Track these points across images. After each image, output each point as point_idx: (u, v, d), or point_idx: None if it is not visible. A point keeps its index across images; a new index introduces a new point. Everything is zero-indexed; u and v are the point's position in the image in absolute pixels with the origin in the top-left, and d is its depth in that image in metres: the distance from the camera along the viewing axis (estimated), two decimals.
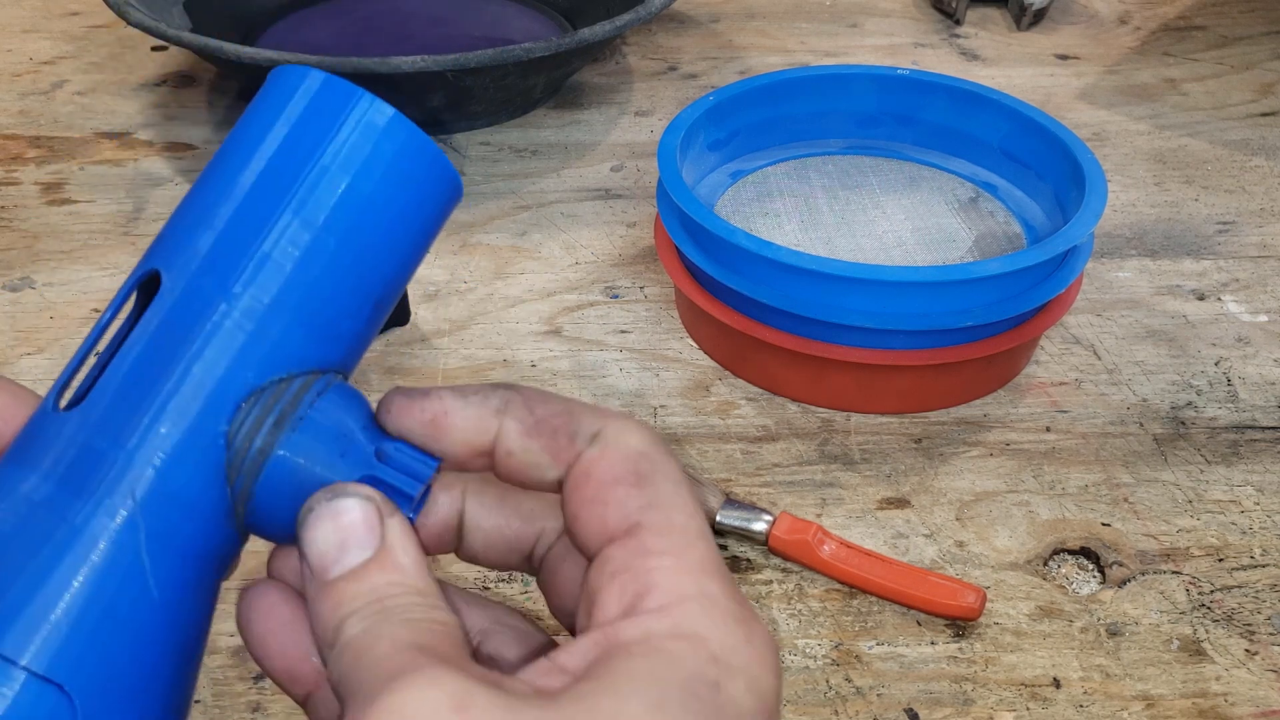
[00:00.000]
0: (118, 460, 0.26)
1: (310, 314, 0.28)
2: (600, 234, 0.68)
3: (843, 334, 0.54)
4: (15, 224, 0.69)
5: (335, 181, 0.28)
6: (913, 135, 0.67)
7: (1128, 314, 0.63)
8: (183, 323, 0.27)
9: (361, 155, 0.28)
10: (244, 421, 0.27)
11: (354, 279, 0.28)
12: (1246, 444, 0.55)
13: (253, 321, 0.27)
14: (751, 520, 0.49)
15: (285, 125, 0.28)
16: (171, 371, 0.27)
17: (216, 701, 0.44)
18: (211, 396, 0.27)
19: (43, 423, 0.27)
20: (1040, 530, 0.51)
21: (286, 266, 0.27)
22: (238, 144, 0.29)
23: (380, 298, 0.29)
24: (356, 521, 0.26)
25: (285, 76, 0.29)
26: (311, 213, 0.28)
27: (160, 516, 0.26)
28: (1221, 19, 0.95)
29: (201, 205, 0.28)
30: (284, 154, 0.28)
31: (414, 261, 0.30)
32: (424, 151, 0.29)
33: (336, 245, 0.28)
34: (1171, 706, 0.44)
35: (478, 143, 0.77)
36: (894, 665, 0.45)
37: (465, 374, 0.58)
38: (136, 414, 0.26)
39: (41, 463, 0.26)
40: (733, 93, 0.64)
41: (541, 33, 0.86)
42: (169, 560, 0.26)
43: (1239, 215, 0.71)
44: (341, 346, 0.29)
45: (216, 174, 0.29)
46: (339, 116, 0.28)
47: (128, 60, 0.86)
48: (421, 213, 0.29)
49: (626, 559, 0.25)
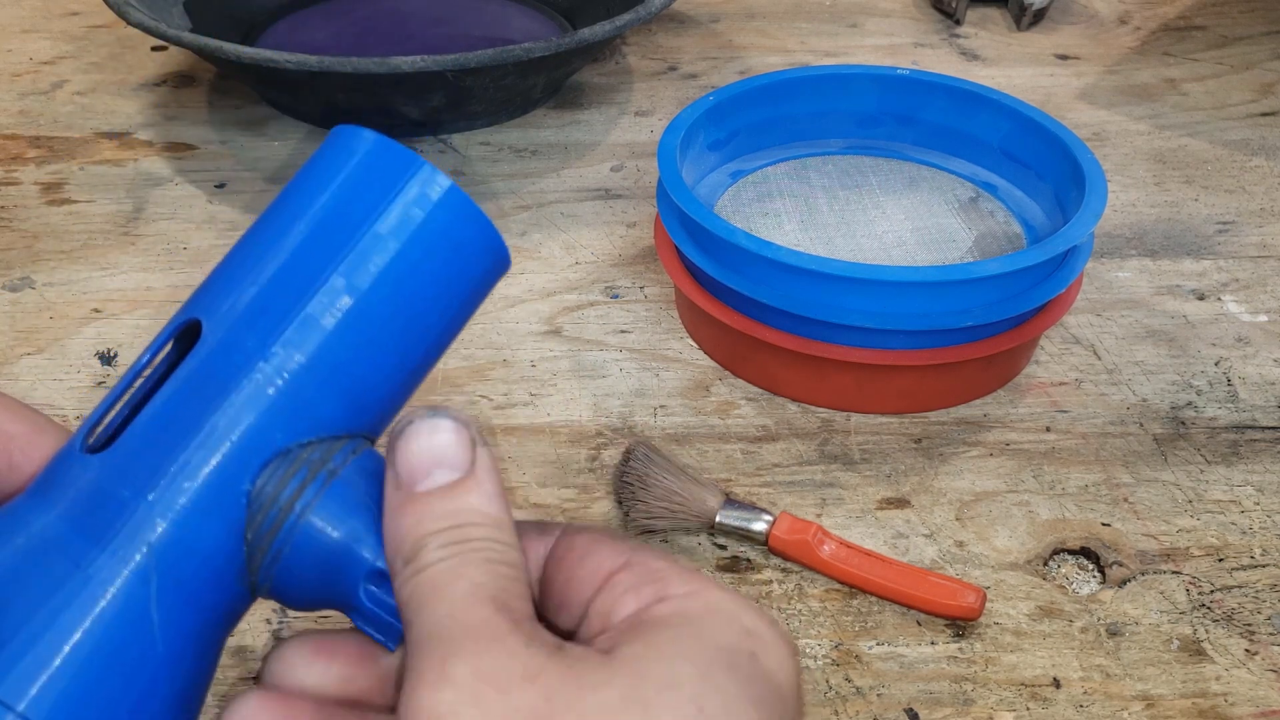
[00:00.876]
0: (137, 510, 0.26)
1: (346, 380, 0.27)
2: (600, 234, 0.68)
3: (842, 334, 0.54)
4: (15, 224, 0.69)
5: (386, 248, 0.28)
6: (913, 135, 0.67)
7: (1128, 314, 0.63)
8: (217, 377, 0.27)
9: (414, 223, 0.28)
10: (269, 480, 0.27)
11: (394, 347, 0.28)
12: (1246, 444, 0.55)
13: (287, 382, 0.27)
14: (751, 520, 0.49)
15: (339, 186, 0.28)
16: (200, 425, 0.26)
17: (217, 702, 0.44)
18: (238, 454, 0.26)
19: (68, 461, 0.27)
20: (1040, 530, 0.51)
21: (328, 330, 0.27)
22: (290, 200, 0.29)
23: (418, 366, 0.29)
24: (452, 441, 0.27)
25: (343, 137, 0.29)
26: (359, 278, 0.27)
27: (173, 570, 0.26)
28: (1221, 19, 0.95)
29: (248, 258, 0.28)
30: (336, 215, 0.28)
31: (455, 331, 0.30)
32: (475, 223, 0.29)
33: (380, 312, 0.28)
34: (1171, 706, 0.44)
35: (478, 143, 0.77)
36: (894, 665, 0.45)
37: (465, 374, 0.58)
38: (161, 464, 0.26)
39: (61, 502, 0.26)
40: (733, 93, 0.64)
41: (541, 33, 0.86)
42: (178, 615, 0.26)
43: (1239, 215, 0.71)
44: (373, 413, 0.28)
45: (266, 228, 0.28)
46: (395, 182, 0.28)
47: (128, 60, 0.86)
48: (468, 283, 0.29)
49: (632, 580, 0.27)
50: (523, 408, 0.56)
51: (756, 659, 0.25)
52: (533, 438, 0.55)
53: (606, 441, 0.54)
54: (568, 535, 0.29)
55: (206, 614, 0.27)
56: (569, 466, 0.53)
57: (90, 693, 0.25)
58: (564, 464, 0.53)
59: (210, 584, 0.27)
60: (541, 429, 0.55)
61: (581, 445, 0.54)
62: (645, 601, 0.26)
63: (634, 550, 0.28)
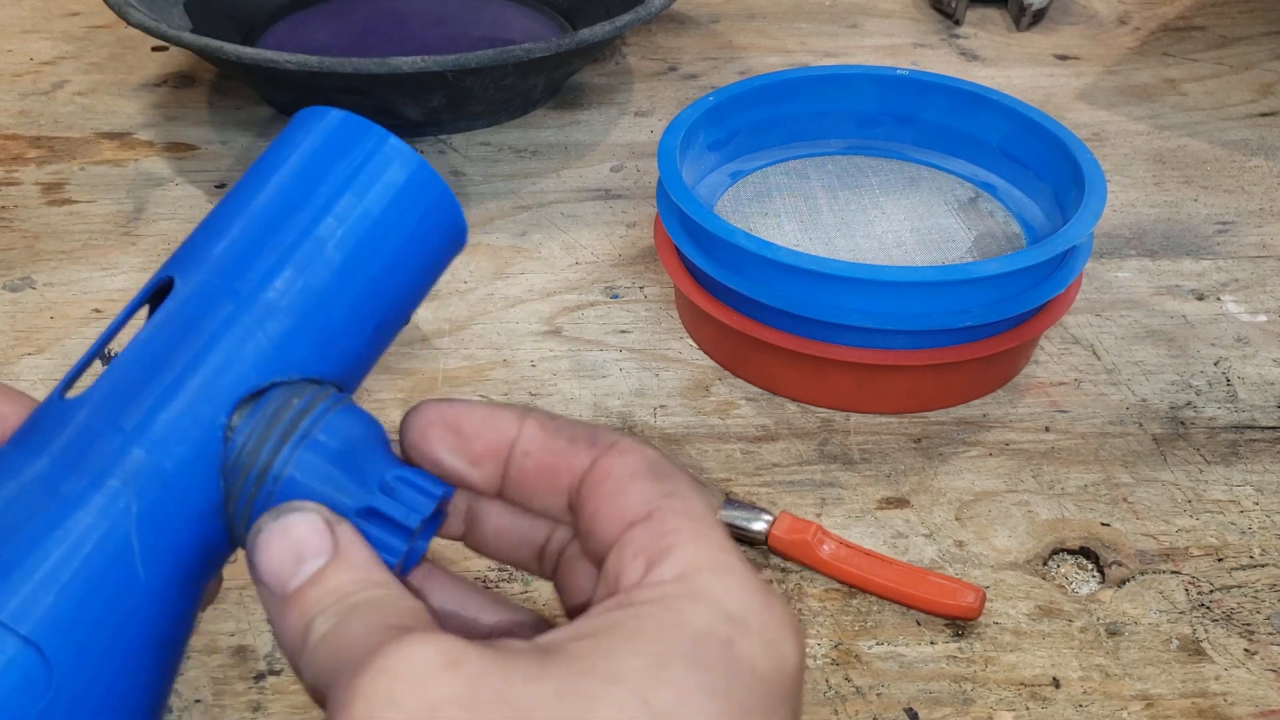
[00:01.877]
0: (114, 441, 0.27)
1: (313, 321, 0.29)
2: (600, 234, 0.69)
3: (842, 334, 0.54)
4: (15, 224, 0.69)
5: (346, 202, 0.29)
6: (912, 135, 0.67)
7: (1127, 314, 0.63)
8: (189, 318, 0.28)
9: (373, 181, 0.30)
10: (250, 434, 0.27)
11: (356, 295, 0.29)
12: (1246, 444, 0.55)
13: (256, 320, 0.28)
14: (751, 520, 0.49)
15: (303, 153, 0.30)
16: (174, 362, 0.28)
17: (217, 701, 0.44)
18: (211, 387, 0.27)
19: (46, 411, 0.28)
20: (1040, 530, 0.51)
21: (292, 273, 0.29)
22: (257, 170, 0.30)
23: (382, 318, 0.30)
24: (306, 534, 0.26)
25: (307, 116, 0.31)
26: (323, 229, 0.29)
27: (152, 500, 0.27)
28: (1221, 19, 0.95)
29: (218, 220, 0.30)
30: (300, 177, 0.30)
31: (415, 291, 0.31)
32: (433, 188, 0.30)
33: (343, 260, 0.29)
34: (1171, 706, 0.44)
35: (478, 143, 0.77)
36: (894, 665, 0.45)
37: (465, 374, 0.58)
38: (137, 399, 0.27)
39: (41, 443, 0.27)
40: (733, 93, 0.64)
41: (541, 33, 0.86)
42: (158, 544, 0.27)
43: (1238, 215, 0.71)
44: (342, 360, 0.29)
45: (234, 195, 0.30)
46: (355, 147, 0.30)
47: (128, 60, 0.86)
48: (425, 245, 0.31)
49: (647, 539, 0.26)
50: None
51: (732, 647, 0.24)
52: None
53: None
54: (610, 457, 0.27)
55: (187, 548, 0.27)
56: None
57: (73, 614, 0.26)
58: None
59: (189, 516, 0.27)
60: None
61: None
62: (640, 573, 0.25)
63: (665, 497, 0.26)
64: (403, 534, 0.27)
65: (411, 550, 0.28)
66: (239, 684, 0.44)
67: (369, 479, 0.28)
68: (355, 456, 0.28)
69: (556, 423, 0.28)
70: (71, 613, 0.25)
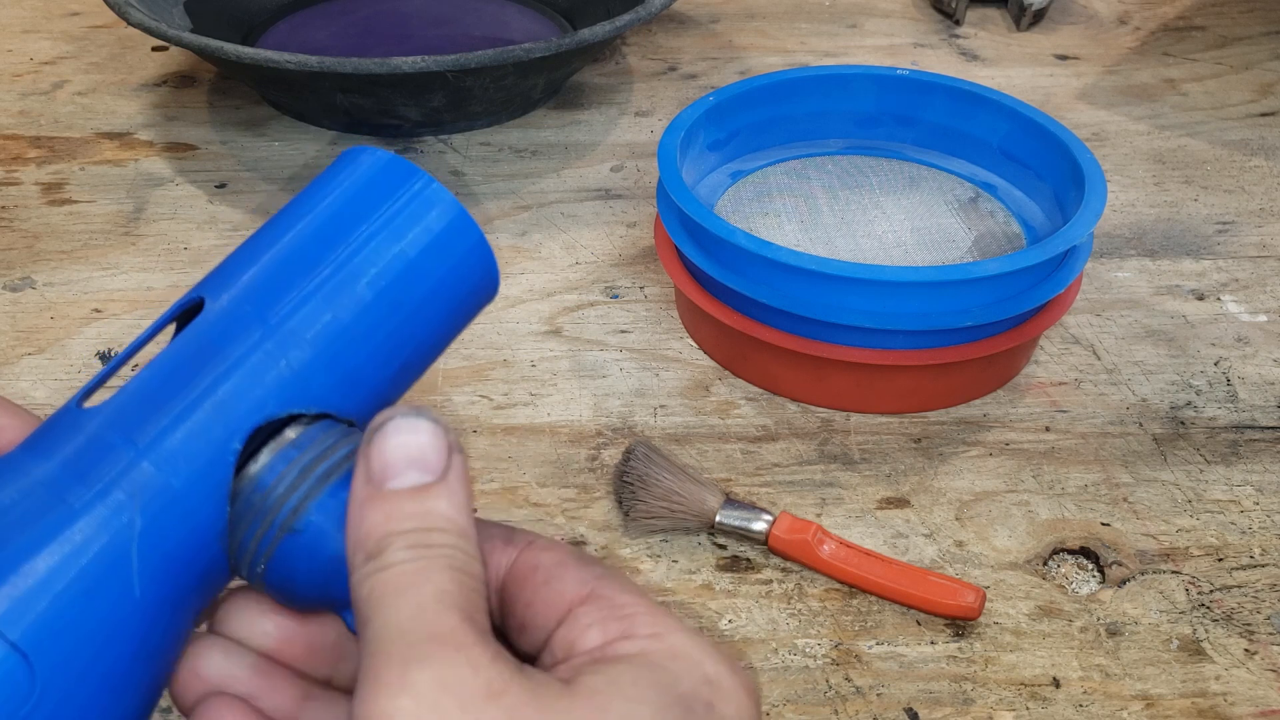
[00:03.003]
0: (125, 455, 0.27)
1: (338, 356, 0.29)
2: (600, 234, 0.69)
3: (842, 334, 0.54)
4: (16, 224, 0.69)
5: (383, 242, 0.30)
6: (912, 135, 0.67)
7: (1127, 314, 0.63)
8: (213, 340, 0.28)
9: (412, 224, 0.30)
10: (283, 477, 0.27)
11: (384, 335, 0.30)
12: (1246, 444, 0.55)
13: (280, 348, 0.28)
14: (751, 520, 0.49)
15: (345, 189, 0.30)
16: (194, 382, 0.28)
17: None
18: (227, 410, 0.27)
19: (62, 418, 0.28)
20: (1040, 530, 0.51)
21: (323, 307, 0.29)
22: (298, 202, 0.31)
23: (407, 361, 0.30)
24: (429, 443, 0.26)
25: (352, 155, 0.31)
26: (357, 265, 0.29)
27: (156, 516, 0.27)
28: (1221, 19, 0.95)
29: (254, 247, 0.30)
30: (340, 212, 0.30)
31: (443, 337, 0.31)
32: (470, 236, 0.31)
33: (374, 299, 0.29)
34: (1171, 706, 0.44)
35: (478, 143, 0.77)
36: (894, 665, 0.45)
37: (465, 374, 0.58)
38: (152, 415, 0.27)
39: (52, 449, 0.27)
40: (733, 93, 0.64)
41: (541, 33, 0.86)
42: (157, 562, 0.27)
43: (1238, 215, 0.71)
44: (363, 397, 0.29)
45: (273, 224, 0.30)
46: (398, 189, 0.30)
47: (128, 60, 0.86)
48: (457, 292, 0.31)
49: (596, 614, 0.26)
50: (523, 408, 0.56)
51: (713, 709, 0.25)
52: (533, 438, 0.55)
53: (606, 441, 0.55)
54: (532, 551, 0.28)
55: (186, 570, 0.27)
56: (569, 466, 0.53)
57: (63, 623, 0.25)
58: (564, 464, 0.53)
59: (192, 539, 0.27)
60: (541, 429, 0.55)
61: (581, 445, 0.54)
62: (610, 637, 0.26)
63: (600, 579, 0.27)
64: None
65: None
66: None
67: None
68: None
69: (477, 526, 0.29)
70: (62, 623, 0.25)
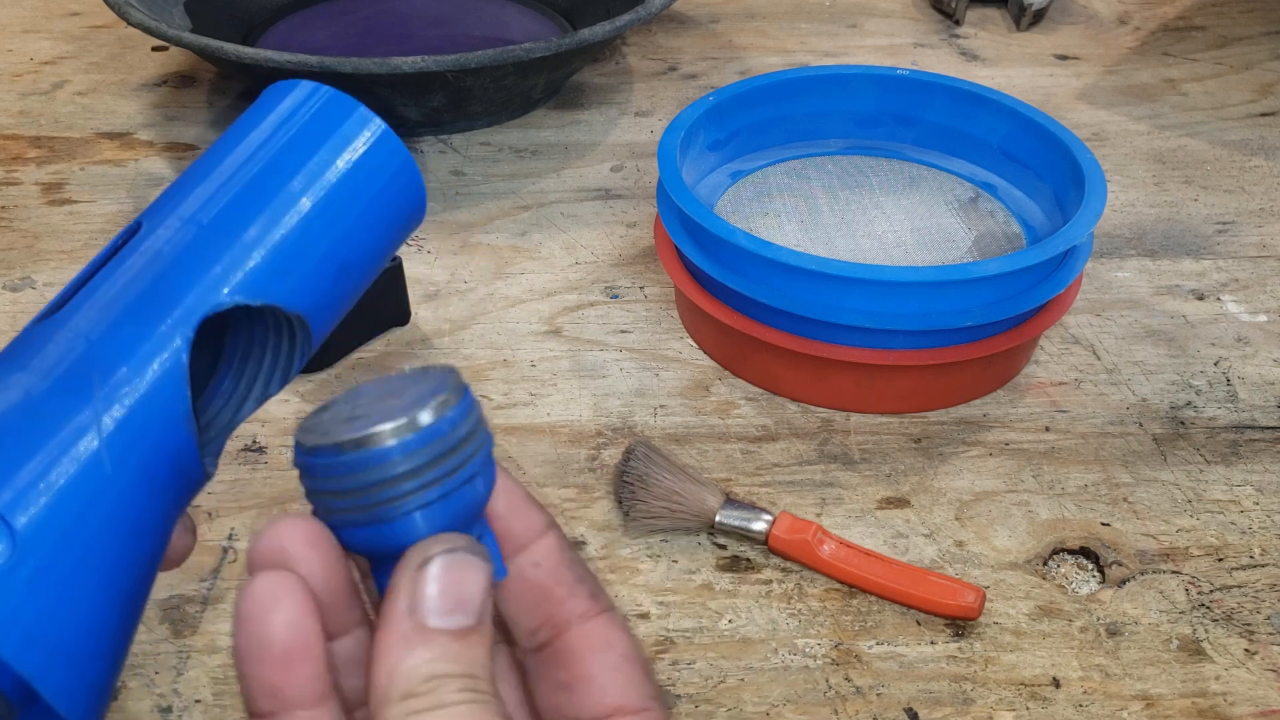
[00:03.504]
0: (79, 348, 0.28)
1: (276, 250, 0.30)
2: (600, 234, 0.69)
3: (842, 334, 0.54)
4: (15, 224, 0.69)
5: (307, 150, 0.31)
6: (912, 135, 0.67)
7: (1127, 314, 0.63)
8: (157, 245, 0.30)
9: (337, 140, 0.32)
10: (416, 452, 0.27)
11: (319, 236, 0.31)
12: (1246, 444, 0.55)
13: (223, 247, 0.30)
14: (751, 520, 0.49)
15: (267, 117, 0.32)
16: (141, 279, 0.29)
17: (217, 701, 0.44)
18: (177, 301, 0.29)
19: (21, 337, 0.30)
20: (1040, 530, 0.51)
21: (255, 206, 0.30)
22: (224, 137, 0.33)
23: (344, 263, 0.32)
24: (478, 587, 0.26)
25: (277, 88, 0.33)
26: (283, 174, 0.31)
27: (115, 400, 0.28)
28: (1221, 19, 0.95)
29: (185, 177, 0.32)
30: (264, 135, 0.32)
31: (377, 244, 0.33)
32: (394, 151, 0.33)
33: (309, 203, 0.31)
34: (1171, 706, 0.44)
35: (478, 143, 0.77)
36: (894, 665, 0.45)
37: (465, 374, 0.58)
38: (104, 313, 0.29)
39: (15, 358, 0.29)
40: (733, 93, 0.64)
41: (541, 33, 0.86)
42: (123, 442, 0.28)
43: (1238, 215, 0.71)
44: (305, 295, 0.31)
45: (202, 158, 0.32)
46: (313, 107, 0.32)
47: (128, 60, 0.86)
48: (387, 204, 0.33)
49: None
50: (523, 408, 0.56)
51: None
52: (533, 437, 0.55)
53: (606, 441, 0.55)
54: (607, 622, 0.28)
55: (153, 449, 0.29)
56: (569, 466, 0.53)
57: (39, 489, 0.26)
58: (564, 464, 0.53)
59: (155, 420, 0.28)
60: (541, 429, 0.55)
61: (581, 445, 0.54)
62: None
63: (654, 699, 0.27)
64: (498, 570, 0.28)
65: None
66: (239, 684, 0.44)
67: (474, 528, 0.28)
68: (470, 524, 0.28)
69: (573, 555, 0.29)
70: (36, 490, 0.26)
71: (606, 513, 0.51)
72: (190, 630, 0.46)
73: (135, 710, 0.43)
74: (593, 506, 0.51)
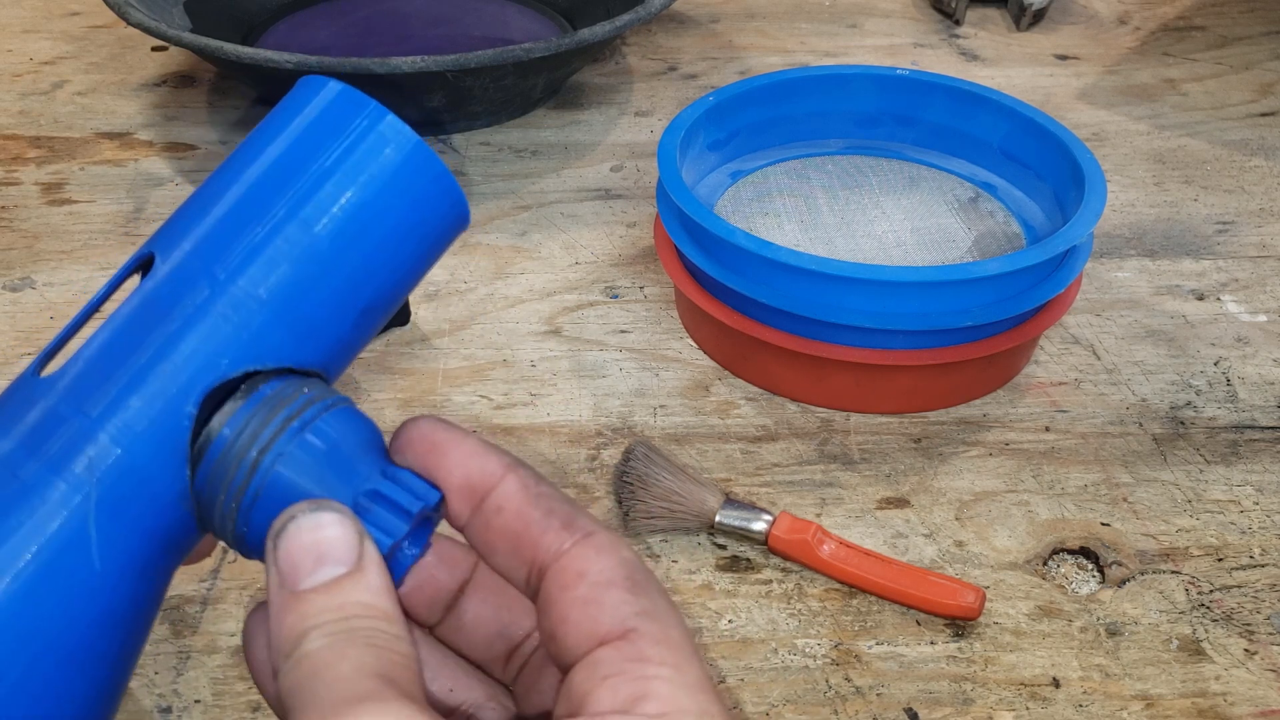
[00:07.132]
0: (78, 425, 0.26)
1: (293, 309, 0.28)
2: (600, 234, 0.69)
3: (842, 334, 0.54)
4: (15, 224, 0.69)
5: (335, 183, 0.28)
6: (912, 135, 0.67)
7: (1127, 314, 0.63)
8: (164, 301, 0.27)
9: (367, 163, 0.28)
10: (243, 429, 0.27)
11: (342, 282, 0.28)
12: (1246, 444, 0.55)
13: (232, 307, 0.27)
14: (751, 520, 0.49)
15: (296, 128, 0.29)
16: (146, 346, 0.27)
17: (216, 701, 0.44)
18: (181, 375, 0.27)
19: (18, 389, 0.27)
20: (1040, 530, 0.51)
21: (274, 258, 0.27)
22: (248, 145, 0.29)
23: (369, 306, 0.29)
24: (336, 536, 0.26)
25: (305, 86, 0.29)
26: (308, 211, 0.28)
27: (113, 487, 0.26)
28: (1221, 19, 0.95)
29: (203, 198, 0.29)
30: (290, 154, 0.28)
31: (408, 277, 0.30)
32: (430, 170, 0.29)
33: (329, 245, 0.28)
34: (1171, 706, 0.44)
35: (478, 143, 0.77)
36: (894, 665, 0.45)
37: (465, 374, 0.58)
38: (105, 384, 0.27)
39: (7, 424, 0.27)
40: (733, 93, 0.64)
41: (541, 33, 0.86)
42: (116, 533, 0.26)
43: (1238, 215, 0.71)
44: (323, 348, 0.28)
45: (222, 171, 0.29)
46: (350, 123, 0.28)
47: (128, 60, 0.86)
48: (421, 229, 0.29)
49: (621, 663, 0.25)
50: (523, 408, 0.56)
51: None
52: (532, 437, 0.55)
53: (606, 441, 0.55)
54: (586, 548, 0.26)
55: (149, 536, 0.27)
56: (569, 466, 0.53)
57: (23, 598, 0.25)
58: (564, 464, 0.53)
59: (151, 504, 0.27)
60: (541, 429, 0.55)
61: (581, 445, 0.54)
62: (620, 702, 0.24)
63: (641, 616, 0.25)
64: (404, 517, 0.27)
65: (401, 554, 0.28)
66: (239, 684, 0.44)
67: (359, 480, 0.27)
68: (348, 457, 0.27)
69: (539, 489, 0.27)
70: (20, 601, 0.25)
71: (606, 513, 0.51)
72: (190, 630, 0.46)
73: (135, 710, 0.43)
74: (593, 506, 0.51)
